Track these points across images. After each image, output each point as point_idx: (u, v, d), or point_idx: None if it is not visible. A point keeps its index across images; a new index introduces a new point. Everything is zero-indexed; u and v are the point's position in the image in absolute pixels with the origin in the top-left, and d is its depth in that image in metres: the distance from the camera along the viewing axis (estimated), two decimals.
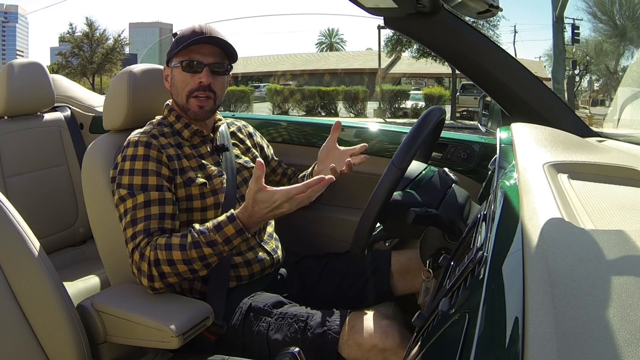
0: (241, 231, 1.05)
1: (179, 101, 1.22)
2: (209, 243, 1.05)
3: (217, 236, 1.05)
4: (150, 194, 1.11)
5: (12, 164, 1.74)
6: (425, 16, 1.27)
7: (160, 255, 1.05)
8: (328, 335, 1.06)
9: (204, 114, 1.21)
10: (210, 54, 1.18)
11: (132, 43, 49.58)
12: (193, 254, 1.05)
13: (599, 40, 16.06)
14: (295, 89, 20.56)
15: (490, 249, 0.52)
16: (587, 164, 0.76)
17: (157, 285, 1.08)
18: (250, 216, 1.05)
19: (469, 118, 17.70)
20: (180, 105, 1.22)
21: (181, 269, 1.06)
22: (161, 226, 1.10)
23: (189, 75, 1.18)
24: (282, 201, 1.01)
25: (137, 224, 1.09)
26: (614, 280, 0.38)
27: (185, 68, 1.18)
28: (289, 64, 26.63)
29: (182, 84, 1.20)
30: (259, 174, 1.00)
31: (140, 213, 1.10)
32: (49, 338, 1.01)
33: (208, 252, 1.05)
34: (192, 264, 1.06)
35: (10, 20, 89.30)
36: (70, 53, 28.39)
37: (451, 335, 0.52)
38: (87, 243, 1.93)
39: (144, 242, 1.07)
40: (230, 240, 1.05)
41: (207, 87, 1.18)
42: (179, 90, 1.21)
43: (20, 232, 1.02)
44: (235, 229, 1.05)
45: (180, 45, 1.16)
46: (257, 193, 1.01)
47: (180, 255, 1.05)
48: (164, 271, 1.06)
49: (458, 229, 1.01)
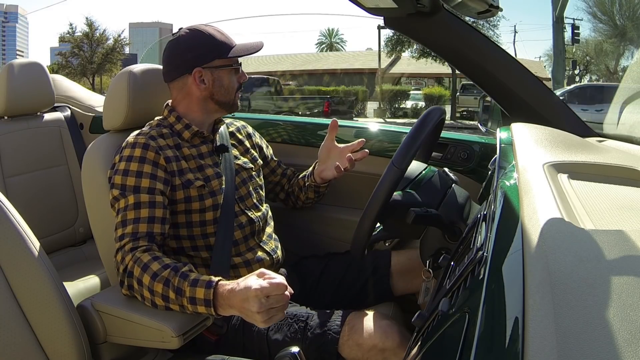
0: (208, 302, 0.97)
1: (227, 99, 1.25)
2: (177, 290, 0.99)
3: (187, 288, 0.98)
4: (141, 196, 1.10)
5: (12, 164, 1.74)
6: (425, 16, 1.27)
7: (135, 271, 1.03)
8: (328, 335, 1.06)
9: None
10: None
11: (132, 43, 49.53)
12: (158, 288, 1.00)
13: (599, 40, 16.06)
14: (295, 89, 20.56)
15: (490, 249, 0.52)
16: (587, 164, 0.76)
17: (124, 292, 1.07)
18: (230, 292, 0.96)
19: (469, 118, 17.68)
20: (227, 102, 1.26)
21: (145, 295, 1.03)
22: (149, 230, 1.08)
23: (235, 76, 1.26)
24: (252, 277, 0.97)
25: (127, 225, 1.08)
26: (614, 280, 0.38)
27: (237, 70, 1.26)
28: (289, 64, 26.61)
29: (232, 83, 1.25)
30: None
31: (130, 215, 1.09)
32: (49, 338, 1.01)
33: (172, 297, 1.00)
34: (154, 297, 1.02)
35: (10, 20, 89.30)
36: (70, 53, 28.38)
37: (451, 335, 0.52)
38: (87, 243, 1.92)
39: (129, 246, 1.06)
40: (195, 300, 0.98)
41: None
42: (229, 90, 1.25)
43: (20, 232, 1.02)
44: (204, 295, 0.97)
45: (227, 50, 1.22)
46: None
47: (149, 281, 1.01)
48: (132, 285, 1.04)
49: (458, 229, 1.01)
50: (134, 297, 1.06)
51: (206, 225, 1.19)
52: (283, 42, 78.19)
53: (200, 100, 1.24)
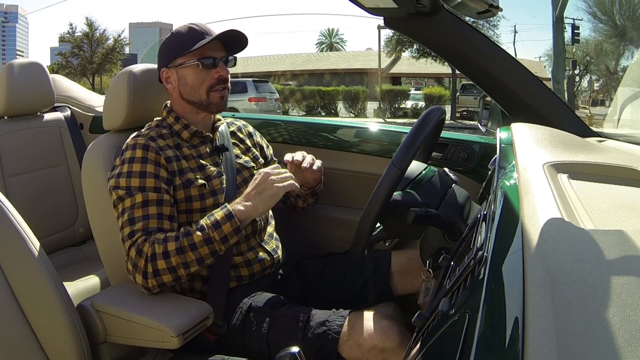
0: (230, 215, 1.09)
1: (196, 99, 1.22)
2: (200, 228, 1.08)
3: (207, 221, 1.09)
4: (149, 194, 1.11)
5: (12, 164, 1.74)
6: (425, 16, 1.27)
7: (157, 249, 1.06)
8: (328, 335, 1.06)
9: (224, 104, 1.25)
10: (218, 48, 1.22)
11: (132, 43, 49.53)
12: (185, 242, 1.06)
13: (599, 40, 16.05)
14: (295, 89, 20.55)
15: (490, 249, 0.52)
16: (587, 164, 0.76)
17: (151, 283, 1.07)
18: (241, 200, 1.12)
19: (469, 118, 17.67)
20: (197, 102, 1.22)
21: (175, 262, 1.05)
22: (159, 226, 1.10)
23: (205, 71, 1.20)
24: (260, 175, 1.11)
25: (135, 223, 1.09)
26: (614, 280, 0.38)
27: (204, 65, 1.19)
28: (289, 64, 26.62)
29: (198, 81, 1.20)
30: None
31: (138, 212, 1.10)
32: (49, 338, 1.01)
33: (198, 239, 1.07)
34: (184, 254, 1.06)
35: (10, 20, 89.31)
36: (70, 53, 28.36)
37: (451, 335, 0.52)
38: (87, 243, 1.93)
39: (142, 239, 1.07)
40: (220, 224, 1.08)
41: (225, 79, 1.23)
42: (195, 89, 1.21)
43: (20, 232, 1.02)
44: (224, 214, 1.09)
45: (191, 45, 1.18)
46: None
47: (174, 244, 1.06)
48: (158, 267, 1.06)
49: (458, 229, 1.00)
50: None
51: None
52: (283, 42, 78.19)
53: (177, 100, 1.25)
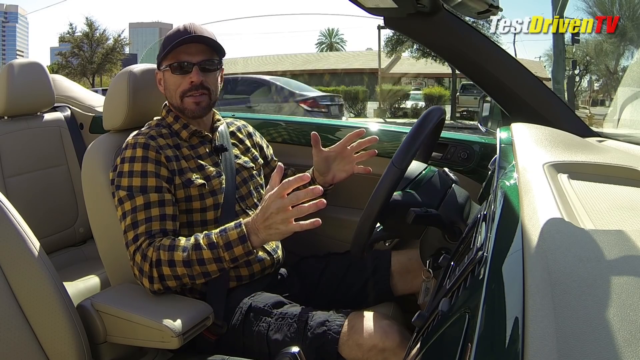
0: (244, 238, 1.03)
1: (174, 103, 1.23)
2: (210, 245, 1.05)
3: (220, 239, 1.04)
4: (150, 195, 1.11)
5: (12, 164, 1.74)
6: (425, 16, 1.27)
7: (163, 256, 1.05)
8: (328, 335, 1.06)
9: (201, 110, 1.20)
10: (198, 52, 1.18)
11: (132, 43, 49.48)
12: (193, 256, 1.05)
13: (599, 40, 16.05)
14: None
15: (490, 249, 0.52)
16: (587, 164, 0.76)
17: (157, 287, 1.08)
18: (254, 224, 1.03)
19: (469, 118, 17.67)
20: (175, 107, 1.23)
21: (180, 272, 1.05)
22: (163, 227, 1.10)
23: (179, 76, 1.18)
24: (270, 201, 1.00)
25: (139, 226, 1.09)
26: (614, 280, 0.38)
27: (175, 70, 1.18)
28: (288, 64, 26.60)
29: (173, 86, 1.20)
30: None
31: (140, 215, 1.10)
32: (49, 338, 1.01)
33: (207, 256, 1.04)
34: (191, 267, 1.05)
35: (10, 20, 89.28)
36: (70, 53, 28.39)
37: (451, 335, 0.52)
38: (87, 243, 1.93)
39: (146, 243, 1.07)
40: (232, 246, 1.04)
41: (200, 85, 1.18)
42: (172, 93, 1.21)
43: (20, 232, 1.02)
44: (238, 235, 1.04)
45: (167, 47, 1.16)
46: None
47: (182, 255, 1.05)
48: (163, 273, 1.06)
49: (458, 229, 1.00)
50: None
51: (207, 224, 1.19)
52: (283, 42, 78.18)
53: (169, 103, 1.26)
